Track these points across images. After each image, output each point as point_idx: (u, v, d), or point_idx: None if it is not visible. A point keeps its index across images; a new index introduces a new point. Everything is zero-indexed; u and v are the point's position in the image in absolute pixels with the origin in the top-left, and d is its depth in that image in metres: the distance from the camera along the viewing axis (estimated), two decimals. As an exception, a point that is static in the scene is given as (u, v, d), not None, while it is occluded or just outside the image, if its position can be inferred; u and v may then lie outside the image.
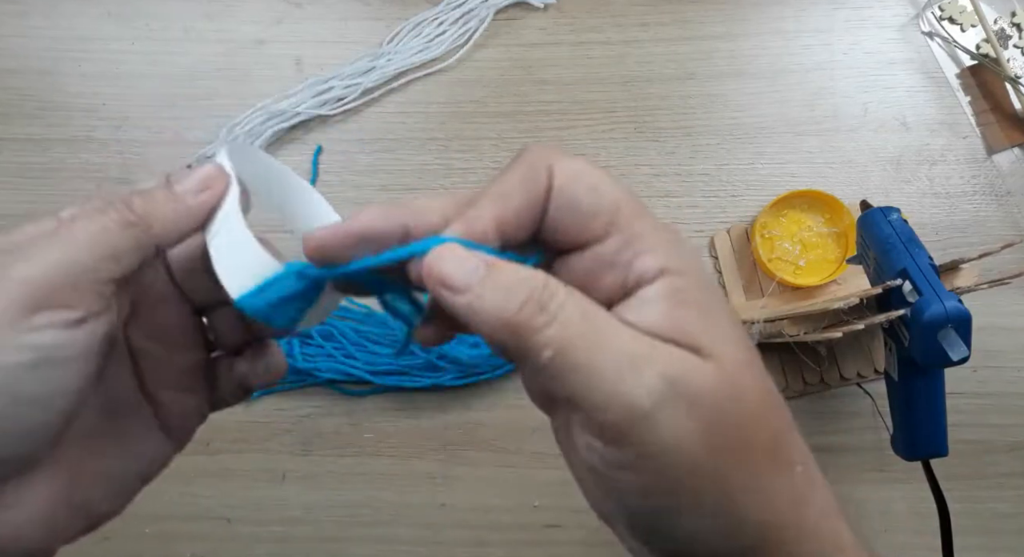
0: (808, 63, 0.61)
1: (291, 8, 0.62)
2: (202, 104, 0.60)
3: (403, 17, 0.62)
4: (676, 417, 0.20)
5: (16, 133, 0.60)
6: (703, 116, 0.60)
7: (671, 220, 0.58)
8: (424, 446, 0.55)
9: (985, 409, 0.55)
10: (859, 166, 0.59)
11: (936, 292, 0.41)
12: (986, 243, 0.57)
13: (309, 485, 0.55)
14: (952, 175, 0.59)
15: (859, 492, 0.54)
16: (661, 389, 0.20)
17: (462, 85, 0.61)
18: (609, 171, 0.22)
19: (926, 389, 0.44)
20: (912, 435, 0.45)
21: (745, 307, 0.56)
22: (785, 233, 0.57)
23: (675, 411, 0.20)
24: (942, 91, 0.60)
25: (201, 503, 0.54)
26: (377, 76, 0.60)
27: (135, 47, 0.61)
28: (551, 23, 0.62)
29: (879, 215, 0.47)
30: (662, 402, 0.19)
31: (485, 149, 0.59)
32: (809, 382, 0.55)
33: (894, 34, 0.61)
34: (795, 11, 0.62)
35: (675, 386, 0.20)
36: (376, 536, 0.54)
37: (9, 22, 0.62)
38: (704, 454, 0.20)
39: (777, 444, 0.22)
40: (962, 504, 0.52)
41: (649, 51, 0.61)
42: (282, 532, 0.54)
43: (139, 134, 0.60)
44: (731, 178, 0.59)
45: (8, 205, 0.59)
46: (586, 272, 0.22)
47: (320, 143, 0.60)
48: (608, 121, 0.60)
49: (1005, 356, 0.56)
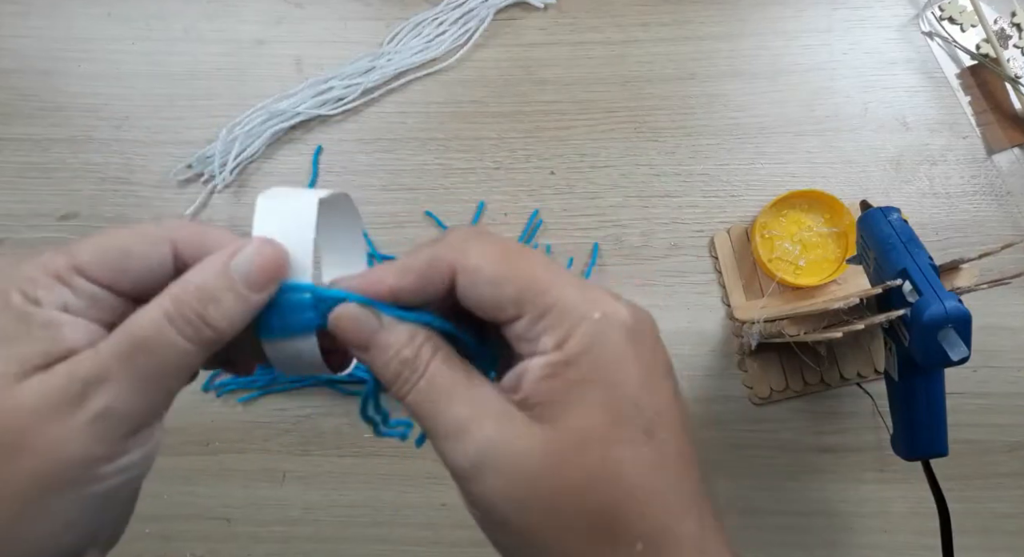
0: (808, 63, 0.61)
1: (291, 8, 0.62)
2: (202, 104, 0.60)
3: (403, 17, 0.62)
4: (490, 479, 0.22)
5: (16, 133, 0.60)
6: (703, 116, 0.60)
7: (671, 220, 0.58)
8: (424, 446, 0.55)
9: (985, 409, 0.55)
10: (859, 166, 0.59)
11: (936, 292, 0.41)
12: (986, 243, 0.57)
13: (309, 485, 0.55)
14: (952, 175, 0.59)
15: (859, 492, 0.54)
16: (476, 456, 0.22)
17: (462, 85, 0.61)
18: (518, 249, 0.24)
19: (926, 389, 0.44)
20: (912, 435, 0.45)
21: (745, 307, 0.56)
22: (785, 233, 0.57)
23: (489, 475, 0.22)
24: (942, 91, 0.60)
25: (201, 503, 0.54)
26: (377, 76, 0.60)
27: (135, 47, 0.61)
28: (551, 23, 0.62)
29: (879, 215, 0.47)
30: (479, 465, 0.22)
31: (485, 149, 0.59)
32: (809, 382, 0.55)
33: (894, 34, 0.61)
34: (795, 11, 0.62)
35: (488, 454, 0.22)
36: (376, 536, 0.54)
37: (9, 22, 0.62)
38: (515, 515, 0.22)
39: (612, 518, 0.22)
40: (962, 504, 0.52)
41: (649, 51, 0.61)
42: (282, 532, 0.54)
43: (139, 134, 0.60)
44: (731, 178, 0.59)
45: (8, 205, 0.59)
46: (511, 340, 0.24)
47: (320, 143, 0.60)
48: (608, 121, 0.60)
49: (1005, 356, 0.56)
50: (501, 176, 0.59)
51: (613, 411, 0.23)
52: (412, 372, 0.24)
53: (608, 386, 0.23)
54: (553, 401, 0.23)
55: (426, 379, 0.24)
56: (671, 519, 0.23)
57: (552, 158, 0.59)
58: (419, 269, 0.24)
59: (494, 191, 0.59)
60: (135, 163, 0.60)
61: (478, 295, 0.24)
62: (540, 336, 0.23)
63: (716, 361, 0.56)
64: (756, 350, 0.54)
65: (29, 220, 0.59)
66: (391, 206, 0.59)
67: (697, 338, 0.57)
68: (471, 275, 0.24)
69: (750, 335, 0.52)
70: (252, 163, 0.60)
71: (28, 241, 0.58)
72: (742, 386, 0.56)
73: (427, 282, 0.24)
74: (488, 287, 0.23)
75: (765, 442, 0.55)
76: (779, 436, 0.55)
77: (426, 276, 0.24)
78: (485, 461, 0.22)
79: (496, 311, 0.24)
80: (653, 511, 0.22)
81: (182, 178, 0.59)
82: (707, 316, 0.57)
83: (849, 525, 0.54)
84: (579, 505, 0.22)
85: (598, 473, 0.22)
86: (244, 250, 0.23)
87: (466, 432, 0.23)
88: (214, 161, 0.58)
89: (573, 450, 0.22)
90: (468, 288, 0.24)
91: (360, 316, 0.24)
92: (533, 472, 0.22)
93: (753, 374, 0.55)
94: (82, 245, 0.23)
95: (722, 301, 0.57)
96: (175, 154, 0.59)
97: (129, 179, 0.59)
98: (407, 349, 0.24)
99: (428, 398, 0.23)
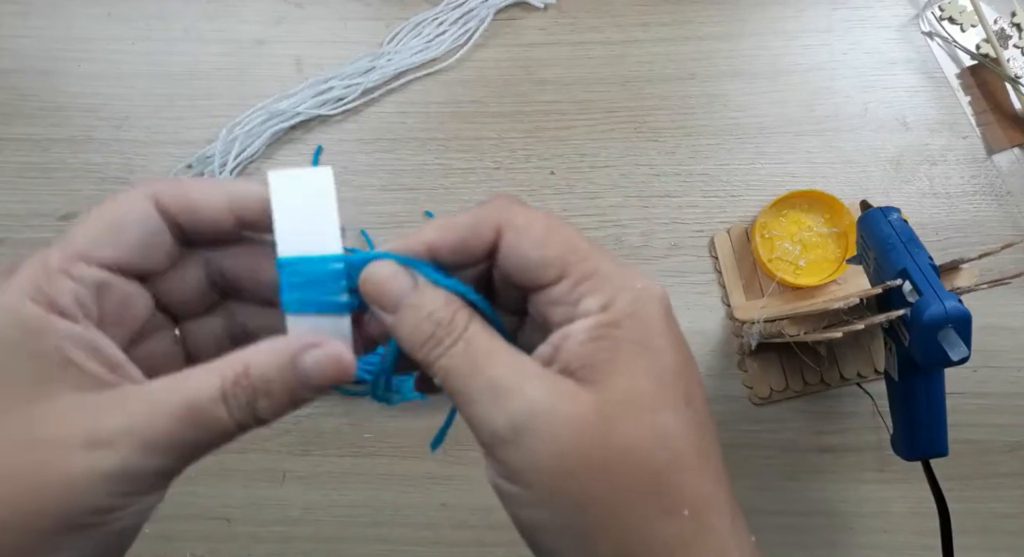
0: (808, 63, 0.61)
1: (291, 8, 0.62)
2: (202, 104, 0.60)
3: (403, 17, 0.62)
4: (534, 443, 0.21)
5: (16, 133, 0.60)
6: (703, 116, 0.60)
7: (671, 220, 0.58)
8: (424, 446, 0.55)
9: (985, 409, 0.55)
10: (859, 166, 0.59)
11: (936, 292, 0.41)
12: (986, 243, 0.57)
13: (309, 485, 0.55)
14: (952, 175, 0.59)
15: (859, 492, 0.54)
16: (520, 418, 0.21)
17: (462, 85, 0.61)
18: (559, 219, 0.24)
19: (926, 389, 0.44)
20: (912, 435, 0.45)
21: (745, 307, 0.56)
22: (785, 233, 0.57)
23: (533, 439, 0.21)
24: (942, 91, 0.60)
25: (201, 503, 0.54)
26: (377, 76, 0.60)
27: (135, 47, 0.61)
28: (551, 23, 0.62)
29: (879, 215, 0.47)
30: (521, 428, 0.21)
31: (485, 149, 0.59)
32: (809, 382, 0.55)
33: (894, 34, 0.61)
34: (795, 11, 0.62)
35: (534, 415, 0.21)
36: (376, 536, 0.54)
37: (9, 22, 0.62)
38: (562, 480, 0.21)
39: (662, 483, 0.22)
40: (962, 504, 0.52)
41: (649, 51, 0.61)
42: (282, 532, 0.54)
43: (139, 134, 0.60)
44: (731, 178, 0.59)
45: (8, 205, 0.59)
46: (545, 308, 0.24)
47: (320, 143, 0.60)
48: (608, 121, 0.60)
49: (1005, 356, 0.56)
50: (501, 176, 0.59)
51: (658, 376, 0.23)
52: (447, 334, 0.23)
53: (653, 352, 0.23)
54: (598, 363, 0.22)
55: (464, 341, 0.23)
56: (710, 487, 0.23)
57: (552, 158, 0.59)
58: (464, 226, 0.24)
59: (494, 191, 0.59)
60: (135, 163, 0.60)
61: (524, 254, 0.23)
62: (583, 298, 0.23)
63: (716, 361, 0.56)
64: (756, 350, 0.54)
65: (29, 220, 0.59)
66: (391, 206, 0.59)
67: (697, 338, 0.57)
68: (519, 234, 0.23)
69: (750, 335, 0.52)
70: (252, 163, 0.60)
71: (28, 241, 0.58)
72: (742, 386, 0.56)
73: (471, 240, 0.24)
74: (534, 247, 0.23)
75: (765, 442, 0.55)
76: (779, 436, 0.55)
77: (472, 233, 0.24)
78: (529, 424, 0.21)
79: (540, 270, 0.23)
80: (697, 478, 0.22)
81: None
82: (707, 316, 0.57)
83: (849, 525, 0.54)
84: (631, 469, 0.22)
85: (648, 437, 0.22)
86: (313, 353, 0.23)
87: (508, 394, 0.22)
88: (214, 161, 0.58)
89: (622, 413, 0.22)
90: (514, 247, 0.23)
91: (395, 272, 0.23)
92: (583, 435, 0.21)
93: (753, 374, 0.55)
94: (73, 233, 0.22)
95: (722, 301, 0.57)
96: (175, 154, 0.59)
97: (129, 179, 0.59)
98: (443, 311, 0.23)
99: (466, 360, 0.22)
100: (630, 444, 0.22)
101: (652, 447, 0.22)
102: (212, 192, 0.24)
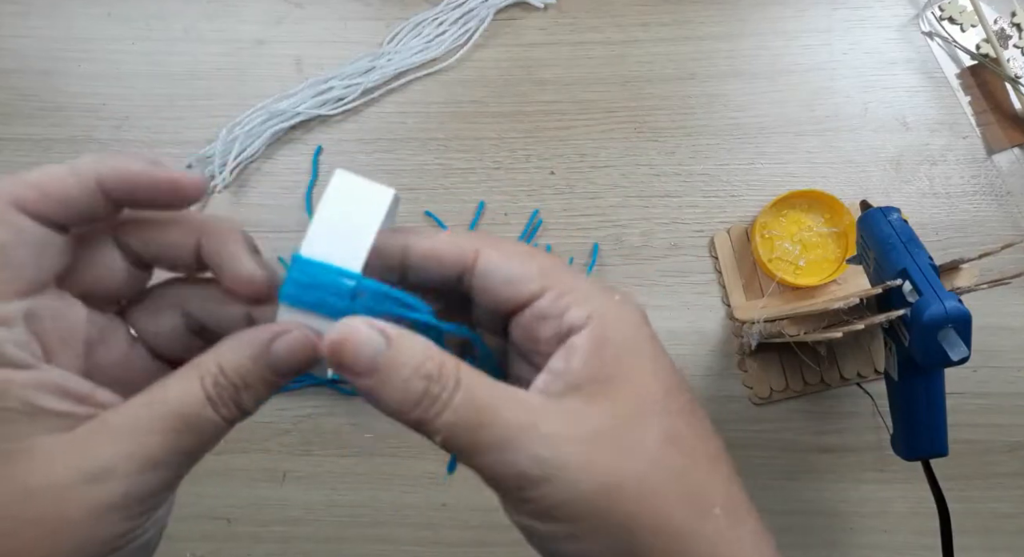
0: (808, 63, 0.61)
1: (291, 8, 0.62)
2: (202, 104, 0.60)
3: (403, 17, 0.62)
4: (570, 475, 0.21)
5: (16, 133, 0.60)
6: (703, 116, 0.60)
7: (671, 220, 0.58)
8: (424, 446, 0.55)
9: (985, 409, 0.55)
10: (859, 166, 0.59)
11: (936, 292, 0.41)
12: (986, 243, 0.57)
13: (309, 485, 0.55)
14: (952, 175, 0.59)
15: (859, 492, 0.54)
16: (545, 454, 0.21)
17: (462, 85, 0.61)
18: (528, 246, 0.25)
19: (926, 389, 0.44)
20: (912, 435, 0.45)
21: (745, 307, 0.56)
22: (785, 233, 0.57)
23: (567, 471, 0.21)
24: (942, 91, 0.60)
25: (201, 503, 0.54)
26: (377, 76, 0.60)
27: (135, 47, 0.61)
28: (551, 23, 0.62)
29: (879, 215, 0.47)
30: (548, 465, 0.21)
31: (485, 149, 0.59)
32: (809, 382, 0.55)
33: (894, 34, 0.61)
34: (795, 11, 0.62)
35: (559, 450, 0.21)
36: (376, 536, 0.54)
37: (9, 22, 0.62)
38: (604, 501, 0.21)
39: (689, 486, 0.22)
40: (962, 504, 0.52)
41: (649, 51, 0.61)
42: (282, 532, 0.54)
43: (139, 134, 0.60)
44: (731, 178, 0.59)
45: (8, 205, 0.59)
46: (529, 326, 0.24)
47: (320, 143, 0.60)
48: (608, 121, 0.60)
49: (1005, 356, 0.56)
50: (501, 176, 0.59)
51: (663, 381, 0.23)
52: (442, 389, 0.21)
53: (650, 358, 0.23)
54: (605, 375, 0.22)
55: (463, 392, 0.21)
56: (728, 484, 0.23)
57: (552, 158, 0.59)
58: (443, 239, 0.24)
59: (494, 191, 0.59)
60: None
61: (507, 268, 0.23)
62: (568, 309, 0.23)
63: (716, 361, 0.56)
64: (756, 350, 0.54)
65: (29, 220, 0.59)
66: (391, 206, 0.59)
67: (697, 338, 0.57)
68: (498, 250, 0.24)
69: (750, 335, 0.52)
70: (252, 163, 0.60)
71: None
72: (742, 386, 0.56)
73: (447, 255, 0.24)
74: (516, 262, 0.23)
75: (765, 442, 0.55)
76: (779, 436, 0.55)
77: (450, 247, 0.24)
78: (557, 457, 0.21)
79: (524, 283, 0.23)
80: (717, 476, 0.23)
81: (182, 178, 0.59)
82: (707, 316, 0.57)
83: (849, 525, 0.54)
84: (664, 474, 0.22)
85: (667, 441, 0.22)
86: (284, 339, 0.22)
87: (525, 433, 0.21)
88: (214, 161, 0.58)
89: (640, 421, 0.22)
90: (494, 263, 0.23)
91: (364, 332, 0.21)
92: (612, 452, 0.21)
93: (753, 374, 0.55)
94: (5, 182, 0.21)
95: (722, 301, 0.57)
96: (175, 154, 0.59)
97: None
98: (429, 363, 0.21)
99: (471, 411, 0.21)
100: (656, 451, 0.22)
101: (673, 451, 0.22)
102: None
